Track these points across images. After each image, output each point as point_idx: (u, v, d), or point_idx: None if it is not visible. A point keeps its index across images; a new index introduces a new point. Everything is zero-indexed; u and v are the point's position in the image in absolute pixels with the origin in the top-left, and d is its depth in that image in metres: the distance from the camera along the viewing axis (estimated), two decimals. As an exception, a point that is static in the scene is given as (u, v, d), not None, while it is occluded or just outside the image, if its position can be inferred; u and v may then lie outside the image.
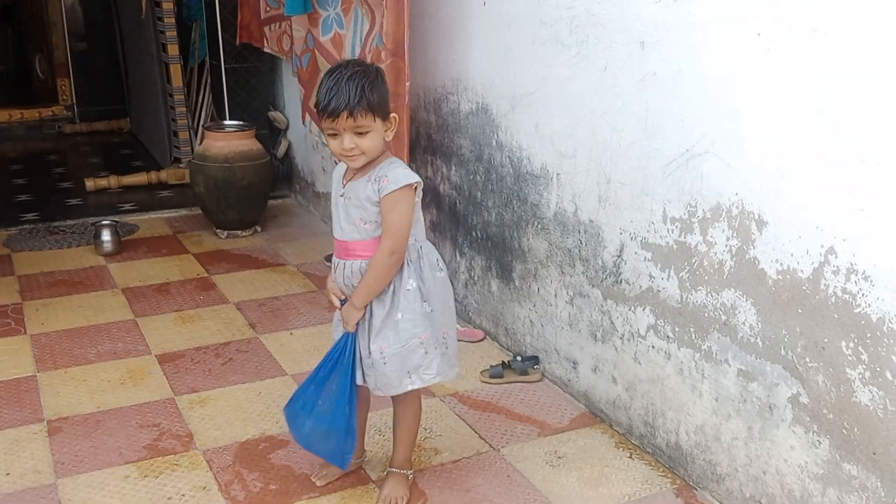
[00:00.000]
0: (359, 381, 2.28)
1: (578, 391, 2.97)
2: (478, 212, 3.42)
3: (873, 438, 1.93)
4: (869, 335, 1.90)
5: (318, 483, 2.47)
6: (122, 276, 4.17)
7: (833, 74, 1.90)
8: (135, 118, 7.56)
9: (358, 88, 2.03)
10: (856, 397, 1.95)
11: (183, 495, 2.44)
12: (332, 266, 2.31)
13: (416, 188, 2.17)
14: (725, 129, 2.21)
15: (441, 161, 3.64)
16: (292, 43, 4.63)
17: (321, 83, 2.09)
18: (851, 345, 1.94)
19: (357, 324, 2.24)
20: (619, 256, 2.66)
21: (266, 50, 5.15)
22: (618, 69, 2.55)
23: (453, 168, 3.56)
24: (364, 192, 2.15)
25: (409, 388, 2.27)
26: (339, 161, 2.20)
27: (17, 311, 3.73)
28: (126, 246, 4.59)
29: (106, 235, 4.48)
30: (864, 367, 1.92)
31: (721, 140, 2.23)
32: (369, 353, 2.23)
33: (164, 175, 5.92)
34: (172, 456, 2.63)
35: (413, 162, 3.72)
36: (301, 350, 3.38)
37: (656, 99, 2.42)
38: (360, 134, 2.08)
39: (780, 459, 2.19)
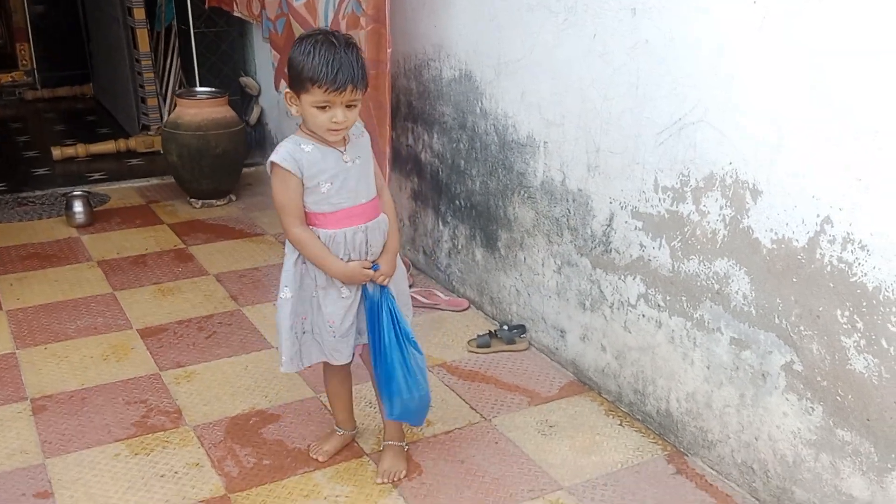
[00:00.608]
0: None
1: (566, 359, 2.98)
2: (461, 180, 3.39)
3: (867, 405, 1.96)
4: (865, 304, 1.92)
5: (321, 459, 2.45)
6: (96, 249, 4.09)
7: (828, 49, 1.89)
8: (98, 84, 7.38)
9: (359, 60, 2.02)
10: (850, 365, 1.98)
11: (176, 472, 2.42)
12: (348, 243, 2.18)
13: None
14: (719, 98, 2.19)
15: (422, 129, 3.60)
16: (262, 6, 4.53)
17: (310, 53, 2.00)
18: (847, 313, 1.96)
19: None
20: (608, 226, 2.66)
21: (236, 14, 5.04)
22: (608, 36, 2.52)
23: (435, 136, 3.52)
24: (366, 148, 2.24)
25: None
26: (327, 133, 2.08)
27: (-9, 286, 3.65)
28: (98, 217, 4.50)
29: (78, 206, 4.38)
30: (859, 335, 1.94)
31: (715, 109, 2.22)
32: (398, 284, 2.35)
33: (132, 143, 5.80)
34: (162, 433, 2.60)
35: (393, 129, 3.68)
36: (285, 322, 3.34)
37: (648, 67, 2.40)
38: (349, 107, 2.05)
39: (773, 426, 2.22)
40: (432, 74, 3.46)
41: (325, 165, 2.14)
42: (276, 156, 2.12)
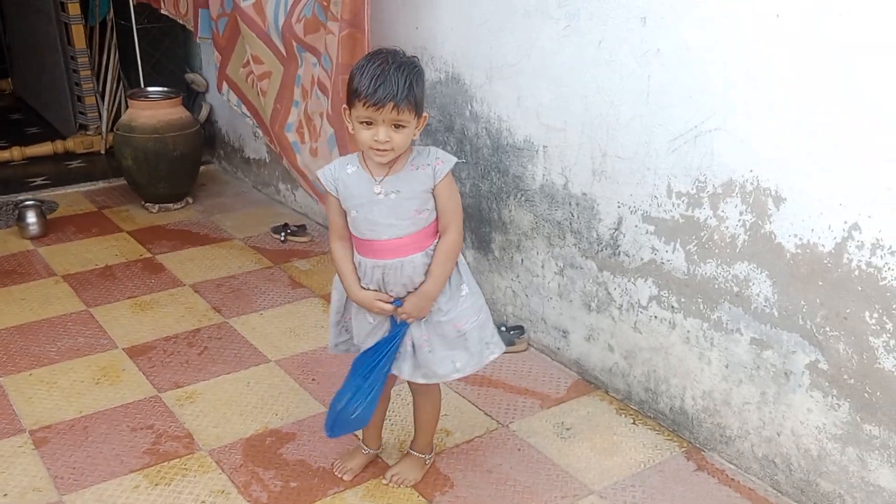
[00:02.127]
0: (406, 377, 2.26)
1: (569, 359, 3.02)
2: (448, 182, 3.38)
3: (897, 401, 2.07)
4: (895, 306, 2.01)
5: (345, 478, 2.43)
6: (57, 262, 3.92)
7: (855, 44, 1.97)
8: (20, 80, 7.01)
9: (407, 81, 1.97)
10: (879, 364, 2.08)
11: (203, 502, 2.35)
12: (367, 273, 2.17)
13: None
14: (739, 107, 2.25)
15: (403, 130, 3.56)
16: (194, 5, 4.37)
17: (362, 68, 1.98)
18: (875, 315, 2.06)
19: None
20: (616, 229, 2.70)
21: (163, 12, 4.84)
22: (616, 45, 2.55)
23: (418, 138, 3.48)
24: (418, 181, 2.11)
25: (490, 358, 2.30)
26: (371, 153, 2.04)
27: (-47, 308, 3.46)
28: (51, 226, 4.30)
29: (31, 217, 4.18)
30: (888, 335, 2.04)
31: (734, 117, 2.27)
32: (444, 335, 2.22)
33: (70, 144, 5.55)
34: (178, 460, 2.53)
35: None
36: (277, 333, 3.28)
37: (660, 75, 2.44)
38: (396, 128, 2.01)
39: (797, 421, 2.31)
40: (422, 70, 3.41)
41: (356, 192, 2.12)
42: (321, 171, 2.14)
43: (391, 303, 2.17)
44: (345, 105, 2.05)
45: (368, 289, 2.18)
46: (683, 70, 2.37)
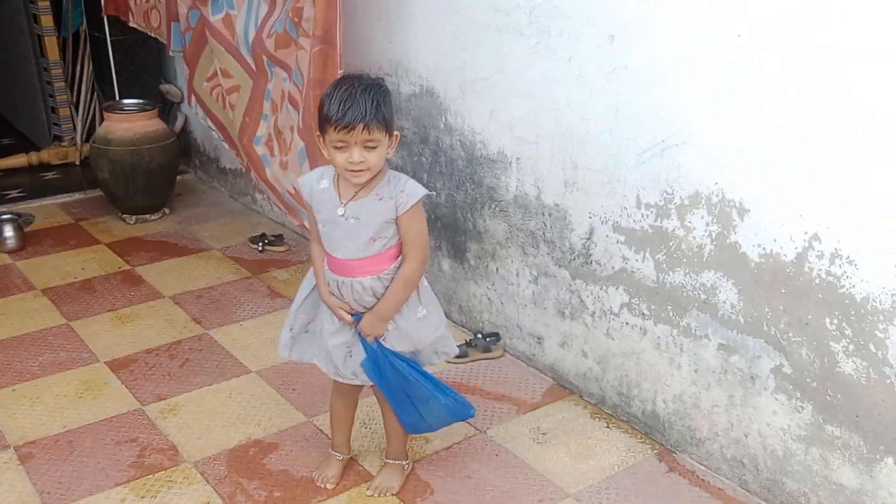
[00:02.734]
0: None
1: (544, 365, 3.10)
2: (424, 193, 3.44)
3: (856, 403, 2.16)
4: (853, 312, 2.11)
5: (328, 487, 2.49)
6: (36, 276, 3.93)
7: (845, 49, 2.06)
8: (-10, 89, 6.98)
9: (374, 101, 2.04)
10: (839, 368, 2.17)
11: (189, 513, 2.41)
12: (330, 283, 2.27)
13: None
14: (705, 122, 2.34)
15: (378, 142, 3.62)
16: (167, 18, 4.40)
17: (330, 95, 2.05)
18: (836, 321, 2.15)
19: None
20: (588, 239, 2.78)
21: (131, 24, 4.86)
22: (585, 61, 2.63)
23: (393, 154, 3.54)
24: (378, 212, 2.16)
25: (433, 361, 2.42)
26: (347, 174, 2.11)
27: (-68, 324, 3.47)
28: (28, 239, 4.31)
29: (8, 231, 4.19)
30: (847, 340, 2.14)
31: (700, 132, 2.36)
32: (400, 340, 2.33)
33: (45, 155, 5.55)
34: (163, 472, 2.58)
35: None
36: (257, 343, 3.33)
37: (628, 90, 2.52)
38: (368, 148, 2.07)
39: (763, 423, 2.40)
40: (389, 89, 3.47)
41: (323, 208, 2.22)
42: (304, 177, 2.30)
43: (352, 314, 2.26)
44: (318, 132, 2.12)
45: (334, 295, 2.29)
46: (650, 86, 2.46)
